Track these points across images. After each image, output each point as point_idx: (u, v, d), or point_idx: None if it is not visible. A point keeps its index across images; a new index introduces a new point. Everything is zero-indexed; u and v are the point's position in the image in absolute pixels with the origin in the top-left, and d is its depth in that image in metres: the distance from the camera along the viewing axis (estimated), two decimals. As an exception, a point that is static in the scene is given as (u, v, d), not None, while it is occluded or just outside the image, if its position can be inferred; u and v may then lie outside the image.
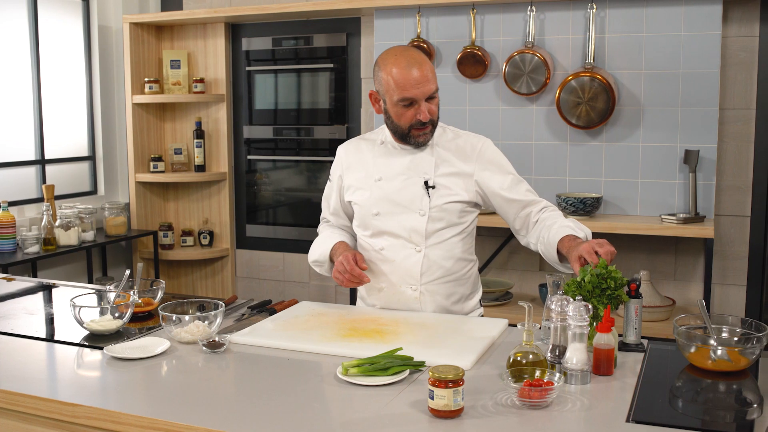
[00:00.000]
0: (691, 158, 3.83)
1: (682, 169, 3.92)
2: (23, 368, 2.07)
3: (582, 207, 3.88)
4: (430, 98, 2.42)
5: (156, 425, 1.66)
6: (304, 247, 4.99)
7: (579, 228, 2.37)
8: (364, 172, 2.58)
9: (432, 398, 1.65)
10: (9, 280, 3.14)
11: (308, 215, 5.04)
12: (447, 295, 2.55)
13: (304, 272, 5.04)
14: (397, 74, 2.38)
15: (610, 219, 3.92)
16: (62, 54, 4.88)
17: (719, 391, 1.93)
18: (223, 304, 2.31)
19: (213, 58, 5.08)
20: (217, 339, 2.14)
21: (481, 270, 4.45)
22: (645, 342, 2.18)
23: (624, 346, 2.14)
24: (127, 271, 2.52)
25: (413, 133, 2.46)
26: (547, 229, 2.43)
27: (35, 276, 4.35)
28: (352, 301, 4.48)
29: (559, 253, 2.37)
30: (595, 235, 4.04)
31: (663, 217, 3.82)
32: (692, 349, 2.00)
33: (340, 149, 2.69)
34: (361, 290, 2.68)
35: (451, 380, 1.64)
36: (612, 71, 3.99)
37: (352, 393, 1.81)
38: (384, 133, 2.59)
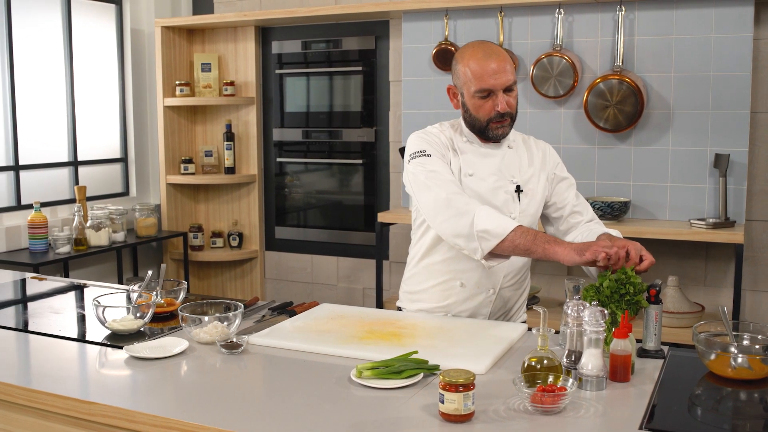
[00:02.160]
0: (721, 162, 3.77)
1: (713, 173, 3.86)
2: (43, 366, 2.11)
3: (610, 211, 3.84)
4: (509, 90, 2.37)
5: (169, 424, 1.68)
6: (332, 249, 5.02)
7: (619, 237, 2.38)
8: (453, 162, 2.47)
9: (442, 402, 1.65)
10: (40, 279, 3.20)
11: (337, 218, 5.06)
12: (514, 301, 2.56)
13: (332, 275, 5.05)
14: (475, 65, 2.35)
15: (639, 224, 3.88)
16: (95, 57, 4.96)
17: (740, 400, 1.90)
18: (242, 306, 2.33)
19: (243, 61, 5.12)
20: (234, 340, 2.16)
21: (508, 274, 4.42)
22: (665, 348, 2.15)
23: (643, 353, 2.11)
24: (149, 272, 2.55)
25: (491, 126, 2.40)
26: (588, 230, 2.46)
27: (67, 276, 4.42)
28: (378, 305, 4.49)
29: None
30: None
31: (692, 221, 3.77)
32: (712, 357, 1.97)
33: (434, 129, 2.52)
34: (424, 284, 2.55)
35: (462, 384, 1.63)
36: (641, 74, 3.94)
37: (365, 395, 1.82)
38: (466, 130, 2.49)
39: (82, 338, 2.32)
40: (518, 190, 2.47)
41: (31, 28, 4.52)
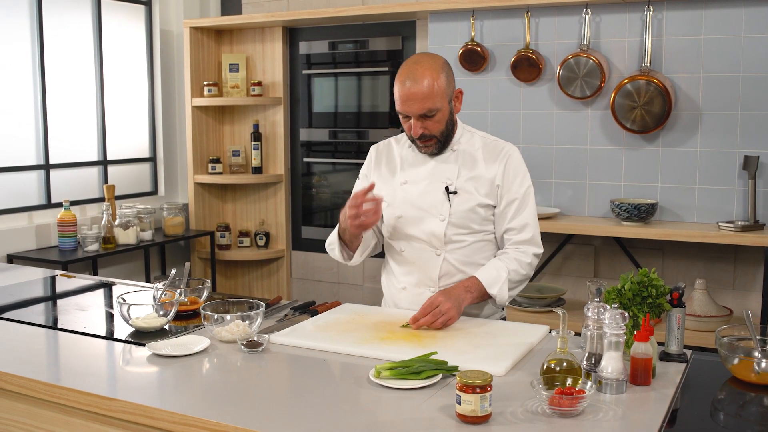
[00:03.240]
0: (750, 164, 3.72)
1: (741, 176, 3.81)
2: (68, 363, 2.14)
3: (636, 213, 3.81)
4: (427, 116, 2.41)
5: (188, 421, 1.69)
6: (357, 249, 5.01)
7: (499, 281, 2.42)
8: (391, 174, 2.62)
9: (459, 403, 1.65)
10: (69, 277, 3.24)
11: (362, 218, 5.05)
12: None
13: (358, 275, 5.06)
14: (397, 86, 2.42)
15: (666, 226, 3.84)
16: (125, 57, 5.02)
17: (763, 406, 1.88)
18: (264, 305, 2.34)
19: (270, 62, 5.15)
20: (255, 339, 2.17)
21: (534, 276, 4.40)
22: (688, 352, 2.13)
23: (666, 356, 2.09)
24: (173, 270, 2.58)
25: (417, 143, 2.50)
26: (494, 257, 2.53)
27: (95, 273, 4.47)
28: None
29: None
30: (650, 243, 3.99)
31: (720, 224, 3.72)
32: (735, 361, 1.95)
33: (373, 150, 2.73)
34: (386, 289, 2.71)
35: (479, 386, 1.63)
36: (669, 75, 3.90)
37: (383, 396, 1.82)
38: None
39: (106, 335, 2.35)
40: (448, 191, 2.50)
41: (61, 29, 4.59)
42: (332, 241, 2.62)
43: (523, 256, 2.49)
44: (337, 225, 2.60)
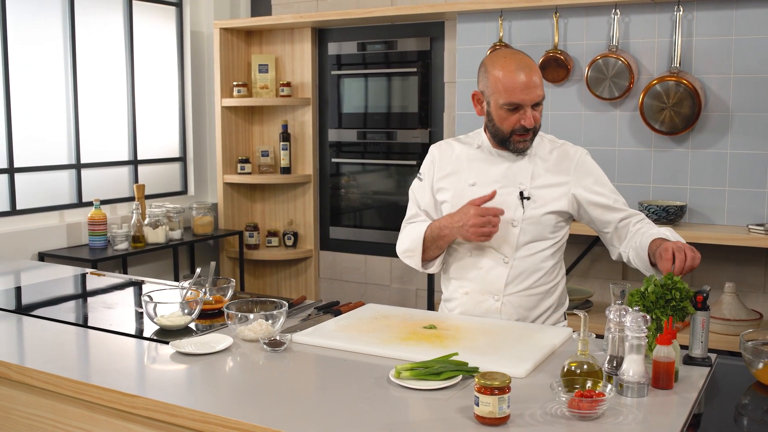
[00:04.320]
0: (782, 166, 3.67)
1: (773, 178, 3.76)
2: (92, 359, 2.17)
3: (665, 215, 3.77)
4: (536, 105, 2.38)
5: (208, 419, 1.71)
6: (386, 250, 5.03)
7: (673, 235, 2.32)
8: (457, 175, 2.54)
9: (477, 405, 1.64)
10: (99, 275, 3.29)
11: (391, 218, 5.07)
12: (529, 308, 2.51)
13: (386, 275, 5.07)
14: (506, 77, 2.35)
15: (695, 228, 3.79)
16: (155, 58, 5.08)
17: (789, 411, 1.85)
18: (286, 304, 2.36)
19: (300, 63, 5.17)
20: (278, 338, 2.19)
21: (561, 277, 4.37)
22: (712, 356, 2.11)
23: (689, 360, 2.07)
24: (198, 269, 2.61)
25: (514, 139, 2.42)
26: (640, 235, 2.39)
27: (125, 272, 4.53)
28: (430, 306, 4.50)
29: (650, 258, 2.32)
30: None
31: (750, 227, 3.67)
32: (759, 366, 1.92)
33: (434, 148, 2.64)
34: (446, 293, 2.64)
35: (497, 387, 1.63)
36: (699, 75, 3.86)
37: (402, 396, 1.82)
38: (481, 137, 2.56)
39: (133, 333, 2.38)
40: (522, 196, 2.44)
41: (93, 30, 4.65)
42: (412, 248, 2.55)
43: (653, 225, 2.46)
44: (418, 231, 2.52)
